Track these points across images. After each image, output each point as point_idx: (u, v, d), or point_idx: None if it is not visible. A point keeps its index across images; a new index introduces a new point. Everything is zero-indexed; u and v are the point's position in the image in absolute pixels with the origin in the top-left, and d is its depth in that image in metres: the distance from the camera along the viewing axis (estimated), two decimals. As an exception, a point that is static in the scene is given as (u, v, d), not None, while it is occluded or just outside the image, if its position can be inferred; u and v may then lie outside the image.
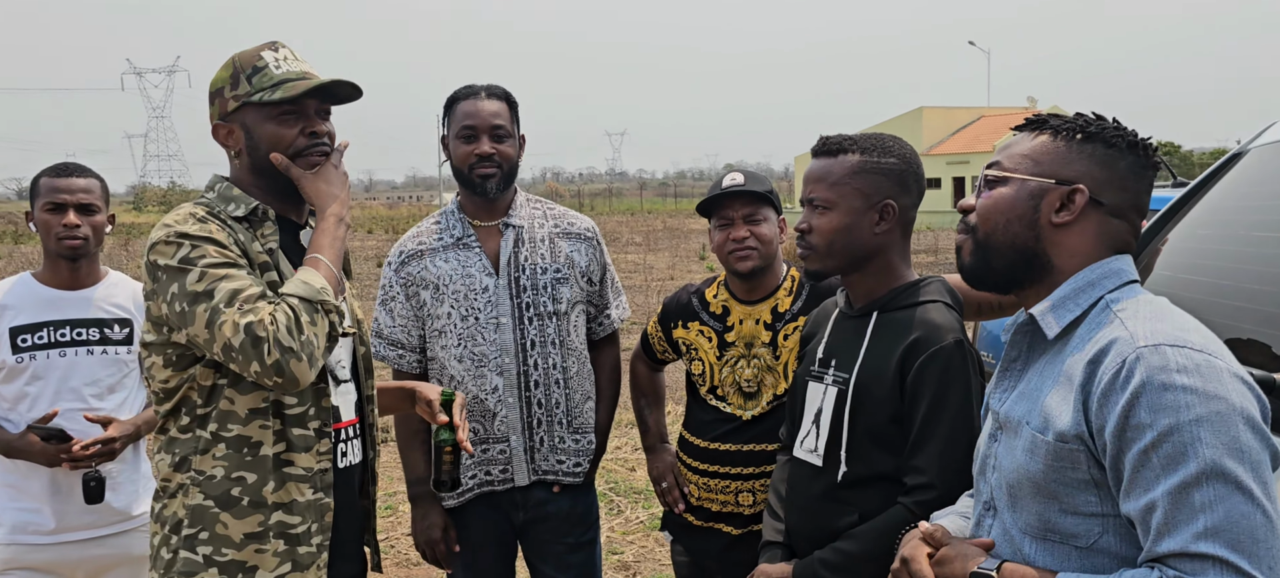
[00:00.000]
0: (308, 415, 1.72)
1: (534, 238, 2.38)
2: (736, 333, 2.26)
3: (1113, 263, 1.29)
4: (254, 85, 1.70)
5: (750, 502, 2.23)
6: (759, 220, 2.18)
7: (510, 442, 2.34)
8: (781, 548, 1.88)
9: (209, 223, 1.65)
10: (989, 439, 1.40)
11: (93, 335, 2.41)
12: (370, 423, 1.93)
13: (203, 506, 1.67)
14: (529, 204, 2.44)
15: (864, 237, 1.75)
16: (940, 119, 47.74)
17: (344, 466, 1.82)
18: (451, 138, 2.33)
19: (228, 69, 1.74)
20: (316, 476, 1.73)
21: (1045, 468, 1.23)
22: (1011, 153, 1.36)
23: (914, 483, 1.67)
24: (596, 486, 2.60)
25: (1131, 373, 1.13)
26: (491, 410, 2.32)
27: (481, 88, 2.34)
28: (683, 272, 16.31)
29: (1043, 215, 1.30)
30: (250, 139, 1.72)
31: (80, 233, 2.37)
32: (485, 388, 2.31)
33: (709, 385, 2.29)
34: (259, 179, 1.75)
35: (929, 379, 1.66)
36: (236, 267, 1.61)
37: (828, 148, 1.79)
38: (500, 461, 2.35)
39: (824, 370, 1.82)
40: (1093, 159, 1.29)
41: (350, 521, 1.87)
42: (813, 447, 1.80)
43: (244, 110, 1.72)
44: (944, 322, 1.70)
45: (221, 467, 1.67)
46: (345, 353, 1.86)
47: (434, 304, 2.33)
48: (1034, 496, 1.26)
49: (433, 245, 2.37)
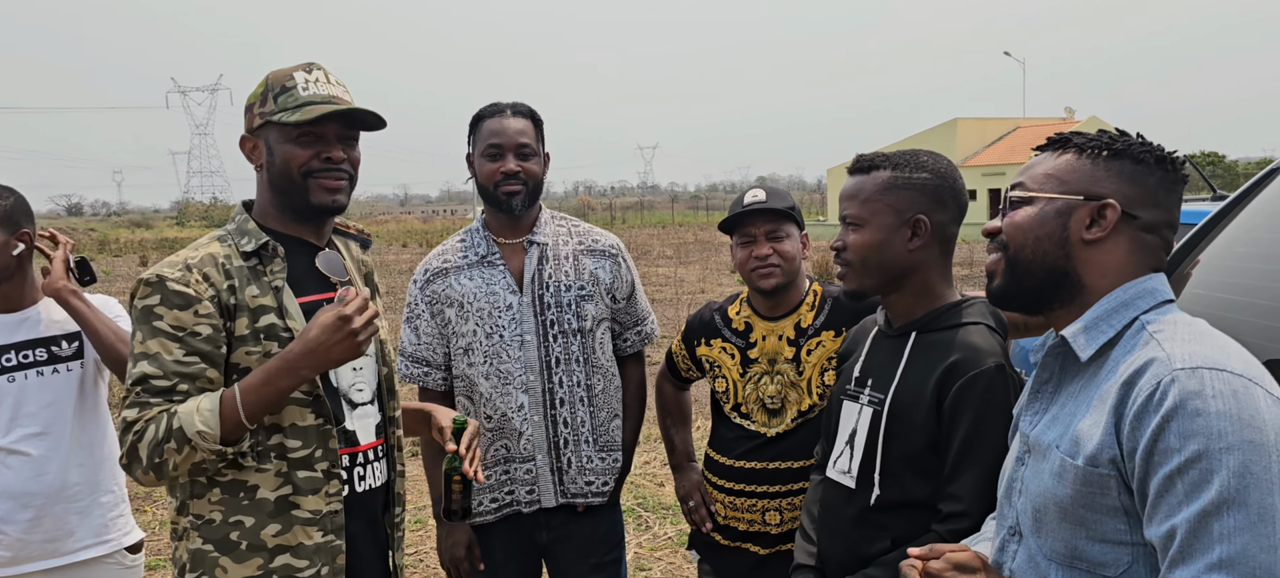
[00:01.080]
0: (314, 458, 1.72)
1: (558, 255, 2.38)
2: (759, 349, 2.24)
3: (1147, 282, 1.26)
4: (278, 105, 1.72)
5: (778, 521, 2.21)
6: (781, 237, 2.18)
7: (536, 461, 2.33)
8: (813, 572, 1.85)
9: (191, 276, 1.64)
10: (1016, 463, 1.36)
11: (41, 355, 2.30)
12: (393, 445, 1.92)
13: (202, 550, 1.68)
14: (553, 221, 2.44)
15: (897, 254, 1.73)
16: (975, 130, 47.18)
17: (362, 489, 1.82)
18: (477, 155, 2.34)
19: (261, 85, 1.76)
20: (326, 517, 1.72)
21: (1074, 493, 1.20)
22: (1035, 173, 1.33)
23: (949, 511, 1.63)
24: (624, 501, 2.59)
25: (1165, 395, 1.10)
26: (517, 429, 2.32)
27: (507, 106, 2.35)
28: (713, 285, 16.25)
29: (1073, 233, 1.27)
30: (270, 156, 1.74)
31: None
32: (511, 405, 2.31)
33: (733, 403, 2.27)
34: (277, 196, 1.76)
35: (967, 404, 1.62)
36: (176, 343, 1.60)
37: (861, 165, 1.79)
38: (526, 481, 2.34)
39: (860, 390, 1.79)
40: (1121, 175, 1.27)
41: (370, 543, 1.86)
42: (846, 468, 1.77)
43: (267, 127, 1.74)
44: (985, 345, 1.66)
45: (218, 511, 1.68)
46: (368, 376, 1.86)
47: (459, 322, 2.33)
48: (1061, 521, 1.22)
49: (457, 263, 2.37)
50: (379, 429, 1.88)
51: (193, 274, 1.65)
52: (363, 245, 2.01)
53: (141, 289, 1.65)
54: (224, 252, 1.72)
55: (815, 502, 1.92)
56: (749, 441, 2.23)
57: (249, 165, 1.80)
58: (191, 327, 1.61)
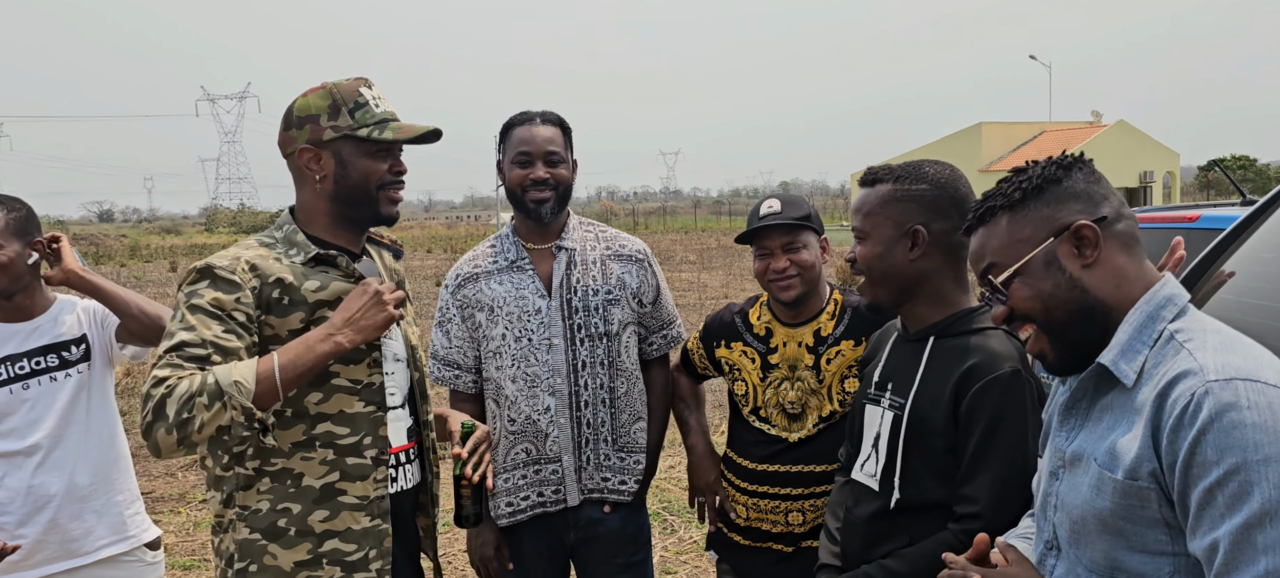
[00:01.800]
0: (362, 444, 1.77)
1: (586, 260, 2.42)
2: (780, 355, 2.26)
3: (1164, 289, 1.26)
4: (357, 120, 1.78)
5: (801, 521, 2.23)
6: (798, 248, 2.19)
7: (562, 461, 2.37)
8: (836, 571, 1.88)
9: (239, 264, 1.71)
10: (1050, 477, 1.37)
11: (52, 361, 2.36)
12: (426, 447, 1.97)
13: (250, 539, 1.72)
14: (581, 227, 2.48)
15: (899, 264, 1.77)
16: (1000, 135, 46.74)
17: (395, 490, 1.86)
18: (506, 162, 2.37)
19: (326, 99, 1.79)
20: (373, 503, 1.77)
21: (1113, 506, 1.20)
22: (992, 246, 1.34)
23: (964, 511, 1.65)
24: (650, 505, 2.61)
25: (1200, 408, 1.10)
26: (544, 431, 2.35)
27: (536, 114, 2.39)
28: (737, 290, 16.24)
29: (1071, 269, 1.28)
30: (342, 168, 1.79)
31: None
32: (538, 408, 2.35)
33: (752, 406, 2.30)
34: (340, 207, 1.82)
35: (984, 408, 1.64)
36: (215, 319, 1.64)
37: (866, 179, 1.84)
38: (553, 481, 2.38)
39: (881, 394, 1.82)
40: (1061, 199, 1.30)
41: (402, 545, 1.90)
42: (872, 472, 1.80)
43: (341, 141, 1.79)
44: (1002, 350, 1.68)
45: (266, 500, 1.72)
46: (400, 380, 1.90)
47: (489, 326, 2.37)
48: (1101, 533, 1.23)
49: (488, 268, 2.41)
50: (411, 433, 1.93)
51: (240, 264, 1.72)
52: (395, 255, 2.07)
53: (190, 276, 1.71)
54: (274, 255, 1.78)
55: (840, 503, 1.95)
56: (770, 445, 2.25)
57: (276, 173, 1.85)
58: (231, 309, 1.67)
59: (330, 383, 1.74)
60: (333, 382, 1.74)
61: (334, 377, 1.75)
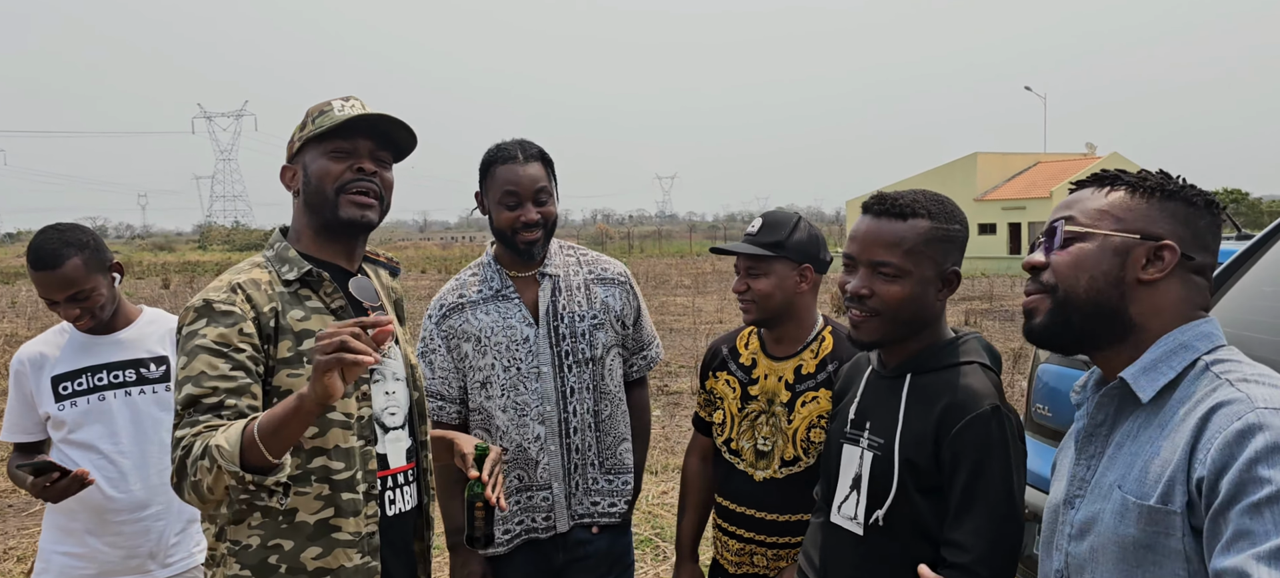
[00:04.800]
0: (355, 480, 1.73)
1: (570, 286, 2.40)
2: (760, 388, 2.21)
3: (1204, 325, 1.26)
4: (315, 125, 1.77)
5: (764, 564, 2.18)
6: (758, 274, 2.14)
7: (552, 489, 2.35)
8: None
9: (237, 297, 1.67)
10: (1065, 505, 1.35)
11: (129, 377, 2.40)
12: (425, 468, 1.94)
13: (240, 576, 1.68)
14: (562, 252, 2.46)
15: (928, 305, 1.68)
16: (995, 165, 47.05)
17: (393, 512, 1.83)
18: (492, 203, 2.33)
19: (303, 117, 1.82)
20: (364, 539, 1.74)
21: (1138, 533, 1.19)
22: (1087, 208, 1.31)
23: (954, 561, 1.59)
24: (643, 530, 2.58)
25: (1255, 432, 1.09)
26: (534, 459, 2.33)
27: (517, 150, 2.32)
28: (731, 314, 16.22)
29: (1129, 272, 1.26)
30: (305, 176, 1.78)
31: (81, 318, 2.34)
32: (528, 437, 2.33)
33: (725, 437, 2.25)
34: (311, 216, 1.79)
35: (967, 449, 1.59)
36: (220, 357, 1.61)
37: (894, 210, 1.68)
38: (543, 507, 2.36)
39: (858, 433, 1.76)
40: (1176, 217, 1.26)
41: (402, 566, 1.87)
42: (852, 514, 1.74)
43: (304, 149, 1.78)
44: (980, 387, 1.63)
45: (257, 536, 1.68)
46: (400, 400, 1.88)
47: (476, 356, 2.34)
48: (1118, 562, 1.21)
49: (473, 298, 2.39)
50: (410, 453, 1.90)
51: (238, 295, 1.68)
52: (392, 273, 2.05)
53: (189, 316, 1.67)
54: (267, 277, 1.75)
55: (815, 546, 1.86)
56: (737, 480, 2.21)
57: (270, 191, 1.85)
58: (235, 343, 1.63)
59: (326, 417, 1.70)
60: (328, 416, 1.70)
61: (329, 411, 1.70)
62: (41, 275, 2.28)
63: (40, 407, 2.39)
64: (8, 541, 5.06)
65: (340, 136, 1.75)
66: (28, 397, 2.40)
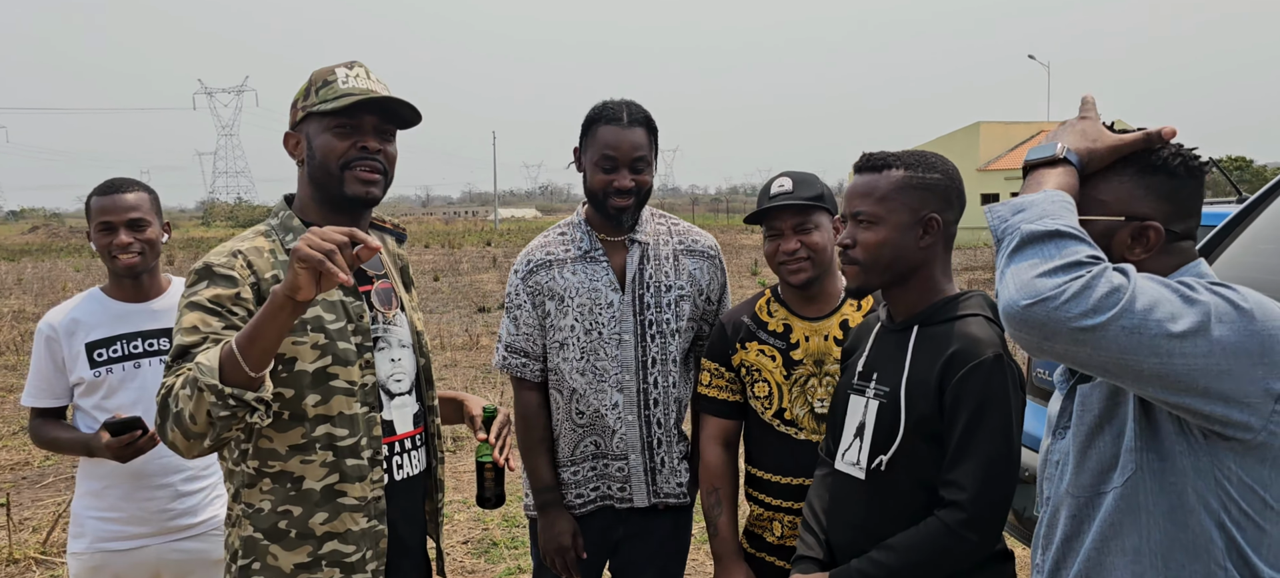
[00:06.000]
0: (360, 446, 1.76)
1: (659, 255, 2.35)
2: (804, 350, 2.14)
3: (1194, 267, 1.30)
4: (319, 98, 1.78)
5: None
6: (809, 229, 2.08)
7: (629, 460, 2.32)
8: (815, 562, 1.87)
9: (236, 261, 1.70)
10: (1052, 436, 1.41)
11: (164, 345, 2.45)
12: (432, 433, 1.97)
13: (253, 538, 1.73)
14: (654, 219, 2.41)
15: (908, 251, 1.76)
16: (998, 134, 46.82)
17: (402, 477, 1.86)
18: (588, 161, 2.28)
19: (306, 82, 1.82)
20: (370, 504, 1.77)
21: (1100, 409, 1.29)
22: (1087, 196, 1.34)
23: (950, 498, 1.66)
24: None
25: None
26: (611, 427, 2.30)
27: (624, 111, 2.27)
28: (735, 287, 16.22)
29: (1115, 252, 1.30)
30: (309, 148, 1.80)
31: (133, 249, 2.41)
32: (605, 404, 2.30)
33: (776, 409, 2.15)
34: (316, 189, 1.82)
35: (968, 394, 1.65)
36: (214, 315, 1.63)
37: (872, 164, 1.80)
38: (618, 478, 2.33)
39: (865, 383, 1.82)
40: (1159, 193, 1.29)
41: (413, 530, 1.91)
42: (855, 460, 1.80)
43: (308, 120, 1.80)
44: (984, 336, 1.69)
45: (268, 500, 1.73)
46: (407, 366, 1.90)
47: (558, 315, 2.31)
48: (1084, 448, 1.30)
49: (560, 256, 2.34)
50: (417, 418, 1.93)
51: (238, 260, 1.71)
52: (398, 239, 2.07)
53: (190, 277, 1.71)
54: (269, 245, 1.78)
55: (820, 495, 1.94)
56: (801, 451, 2.11)
57: (272, 167, 1.85)
58: (229, 303, 1.66)
59: (329, 385, 1.73)
60: (331, 383, 1.74)
61: (332, 378, 1.74)
62: (108, 199, 2.42)
63: (72, 372, 2.44)
64: (23, 511, 5.13)
65: (345, 114, 1.76)
66: (59, 362, 2.44)
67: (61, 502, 5.18)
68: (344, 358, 1.75)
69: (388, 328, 1.87)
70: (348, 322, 1.77)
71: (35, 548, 4.55)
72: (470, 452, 6.09)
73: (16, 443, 6.66)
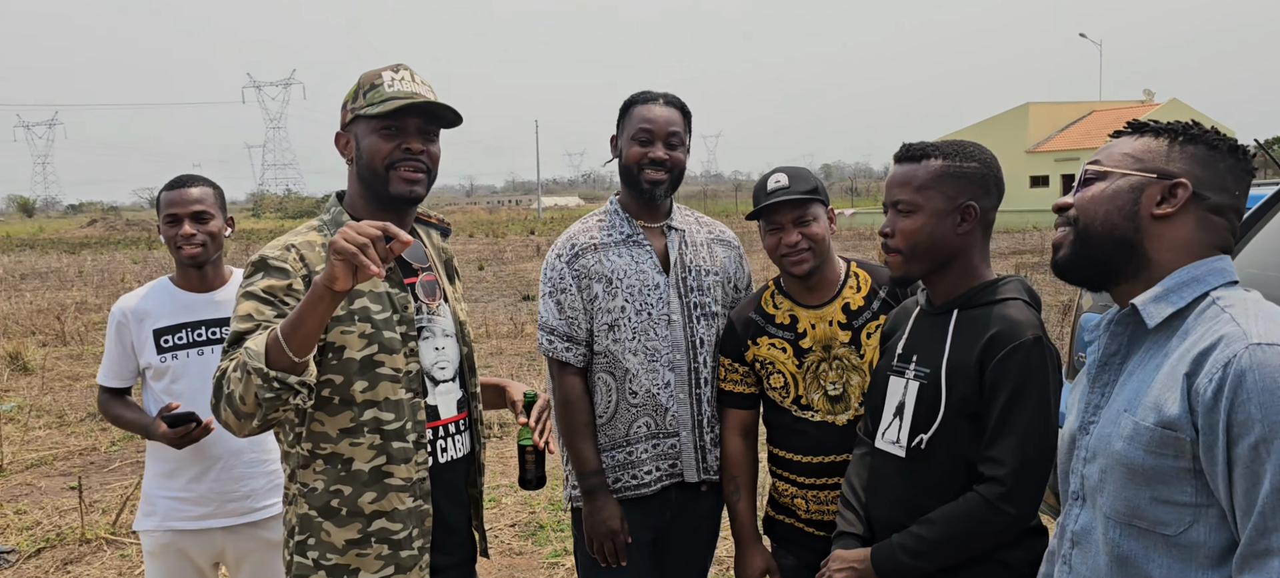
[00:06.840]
0: (405, 430, 1.85)
1: (695, 241, 2.45)
2: (811, 338, 2.23)
3: (1217, 261, 1.31)
4: (366, 100, 1.86)
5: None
6: (808, 221, 2.18)
7: (680, 437, 2.38)
8: (856, 539, 1.93)
9: (289, 255, 1.79)
10: (1080, 431, 1.43)
11: (225, 333, 2.48)
12: (475, 418, 2.06)
13: (308, 515, 1.84)
14: (681, 213, 2.50)
15: (947, 237, 1.81)
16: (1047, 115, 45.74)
17: (445, 460, 1.95)
18: (624, 139, 2.38)
19: (355, 84, 1.92)
20: (416, 485, 1.87)
21: (1145, 454, 1.25)
22: (1112, 152, 1.39)
23: (989, 474, 1.72)
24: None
25: (1243, 369, 1.15)
26: (664, 406, 2.36)
27: (659, 94, 2.40)
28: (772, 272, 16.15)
29: (1143, 208, 1.32)
30: (357, 148, 1.89)
31: (196, 240, 2.54)
32: (658, 383, 2.36)
33: (793, 396, 2.25)
34: (364, 188, 1.90)
35: (1008, 374, 1.71)
36: (267, 304, 1.72)
37: (911, 154, 1.86)
38: (671, 455, 2.39)
39: (904, 365, 1.88)
40: (1194, 159, 1.32)
41: (457, 511, 2.00)
42: (895, 438, 1.86)
43: (356, 122, 1.89)
44: (1023, 318, 1.75)
45: (321, 479, 1.83)
46: (450, 354, 1.99)
47: (607, 298, 2.35)
48: (1127, 482, 1.28)
49: (603, 240, 2.40)
50: (461, 404, 2.02)
51: (291, 253, 1.80)
52: (443, 233, 2.15)
53: (247, 269, 1.82)
54: (321, 239, 1.87)
55: (859, 473, 2.00)
56: (821, 432, 2.21)
57: (321, 159, 1.94)
58: (282, 294, 1.74)
59: (376, 371, 1.82)
60: (377, 370, 1.83)
61: (378, 366, 1.83)
62: (175, 193, 2.57)
63: (140, 357, 2.59)
64: (92, 494, 5.36)
65: (390, 117, 1.85)
66: (128, 346, 2.59)
67: (129, 485, 5.42)
68: (389, 346, 1.83)
69: (432, 318, 1.95)
70: (393, 312, 1.86)
71: (105, 528, 4.77)
72: (515, 438, 6.21)
73: (84, 429, 6.95)
